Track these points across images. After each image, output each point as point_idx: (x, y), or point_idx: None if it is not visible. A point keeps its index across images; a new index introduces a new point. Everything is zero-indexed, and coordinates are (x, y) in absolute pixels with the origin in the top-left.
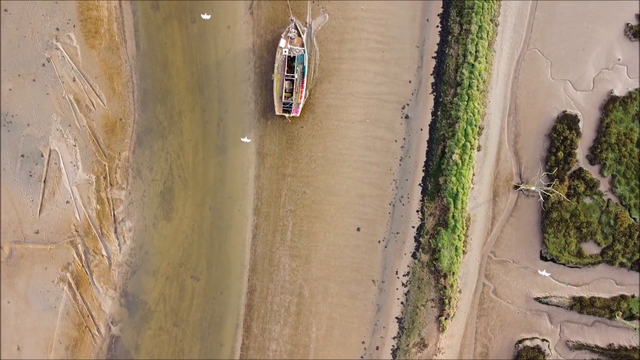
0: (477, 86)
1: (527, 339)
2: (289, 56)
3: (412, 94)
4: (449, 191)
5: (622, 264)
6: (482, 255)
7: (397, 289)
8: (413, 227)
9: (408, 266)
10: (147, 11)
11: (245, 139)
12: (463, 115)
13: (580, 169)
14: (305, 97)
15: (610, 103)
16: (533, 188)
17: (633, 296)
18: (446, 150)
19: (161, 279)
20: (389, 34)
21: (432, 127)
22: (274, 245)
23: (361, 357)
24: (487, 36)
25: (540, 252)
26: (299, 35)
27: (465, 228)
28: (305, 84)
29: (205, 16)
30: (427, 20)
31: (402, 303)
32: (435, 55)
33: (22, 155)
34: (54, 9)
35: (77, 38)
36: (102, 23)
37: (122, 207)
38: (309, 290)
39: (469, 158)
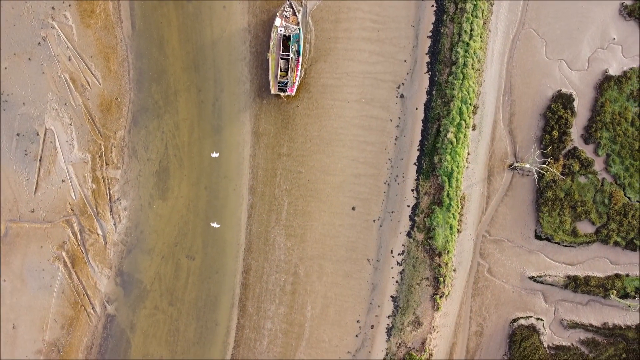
0: (472, 65)
1: (521, 317)
2: (284, 35)
3: (408, 73)
4: (443, 170)
5: (616, 243)
6: (476, 234)
7: (392, 267)
8: (408, 206)
9: (403, 245)
10: None
11: (214, 224)
12: (458, 94)
13: (575, 148)
14: (300, 77)
15: (605, 82)
16: (527, 165)
17: (627, 275)
18: (441, 129)
19: (157, 258)
20: (385, 14)
21: (427, 106)
22: (270, 224)
23: (356, 335)
24: (482, 15)
25: (535, 231)
26: (295, 14)
27: (460, 207)
28: (300, 63)
29: (215, 225)
30: None
31: (397, 282)
32: (430, 34)
33: (18, 134)
34: None
35: (72, 17)
36: (97, 2)
37: (117, 186)
38: (304, 269)
39: (464, 137)
